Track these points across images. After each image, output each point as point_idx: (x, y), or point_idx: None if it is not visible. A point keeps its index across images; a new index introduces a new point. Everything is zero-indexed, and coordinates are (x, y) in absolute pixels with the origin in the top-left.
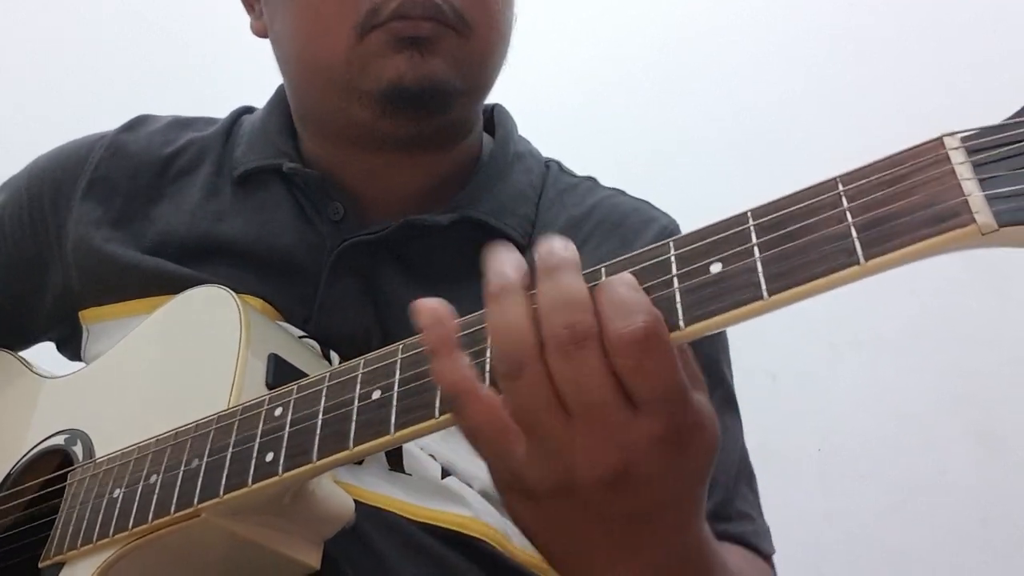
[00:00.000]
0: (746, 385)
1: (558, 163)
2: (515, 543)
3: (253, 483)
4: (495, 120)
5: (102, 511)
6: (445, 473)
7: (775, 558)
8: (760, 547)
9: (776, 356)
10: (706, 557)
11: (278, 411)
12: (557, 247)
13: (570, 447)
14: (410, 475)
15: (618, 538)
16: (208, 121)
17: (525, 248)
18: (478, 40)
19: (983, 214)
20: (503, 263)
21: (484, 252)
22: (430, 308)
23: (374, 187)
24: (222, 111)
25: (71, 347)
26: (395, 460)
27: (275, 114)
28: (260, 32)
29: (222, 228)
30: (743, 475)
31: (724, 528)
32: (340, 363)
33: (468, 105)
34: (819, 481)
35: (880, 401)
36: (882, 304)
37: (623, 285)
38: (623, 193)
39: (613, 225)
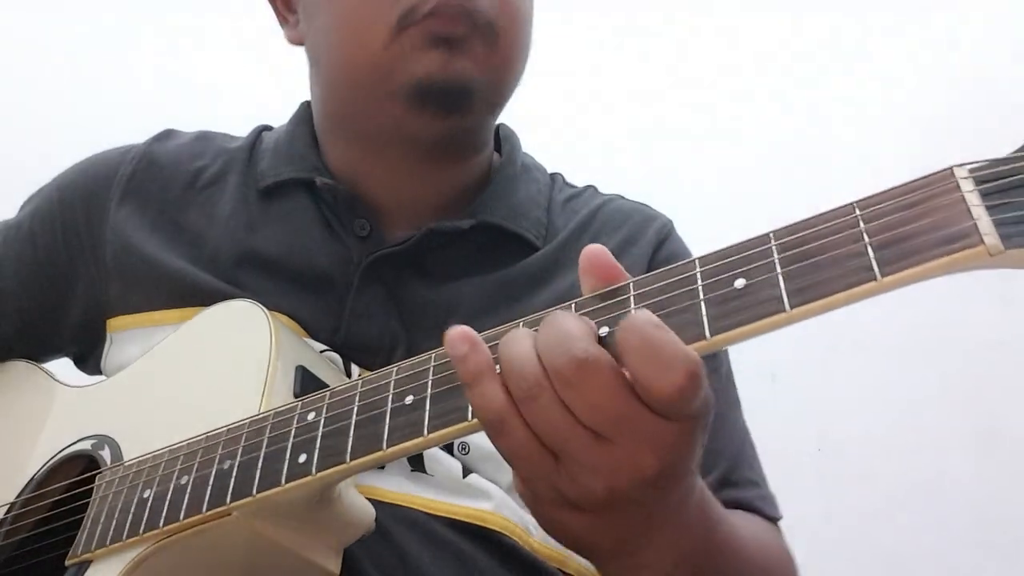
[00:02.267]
0: (746, 385)
1: (561, 175)
2: (535, 537)
3: (287, 483)
4: (501, 136)
5: (132, 510)
6: (467, 472)
7: None
8: (767, 511)
9: (776, 357)
10: (714, 508)
11: (311, 415)
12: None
13: (608, 463)
14: (432, 476)
15: (658, 520)
16: (230, 137)
17: (539, 249)
18: (504, 48)
19: (991, 236)
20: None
21: (500, 252)
22: (461, 335)
23: (397, 198)
24: (222, 117)
25: (91, 361)
26: (416, 462)
27: (301, 129)
28: (296, 40)
29: (253, 240)
30: (746, 445)
31: (732, 494)
32: (362, 375)
33: (487, 112)
34: (819, 481)
35: (880, 401)
36: (882, 305)
37: (649, 325)
38: (623, 197)
39: (618, 224)
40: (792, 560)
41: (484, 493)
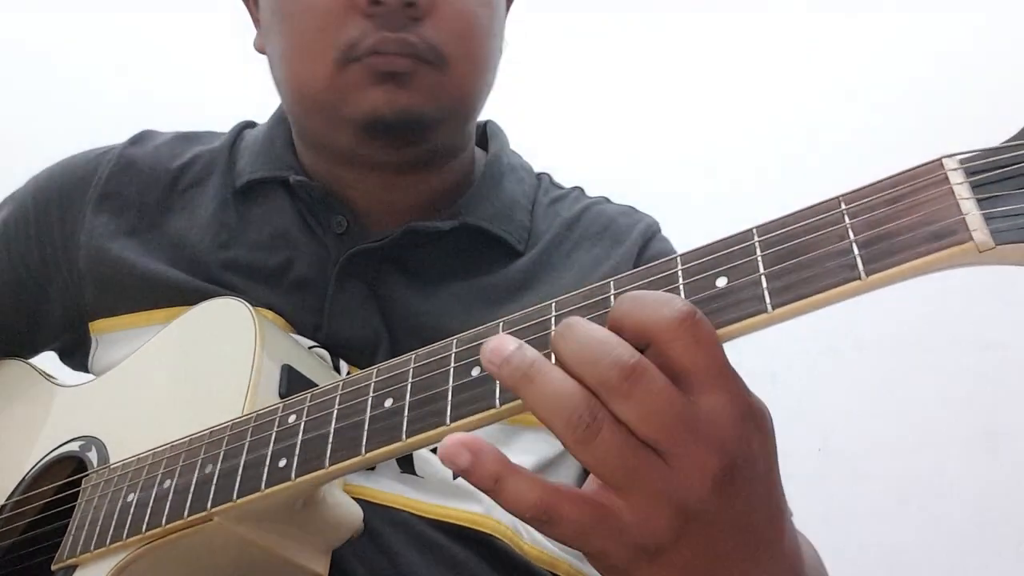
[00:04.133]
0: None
1: (548, 175)
2: (526, 540)
3: (266, 488)
4: (488, 134)
5: (116, 515)
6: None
7: None
8: None
9: (776, 356)
10: (794, 531)
11: (292, 418)
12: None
13: (672, 481)
14: (422, 477)
15: (751, 539)
16: (211, 135)
17: (522, 254)
18: (455, 73)
19: (980, 232)
20: (502, 347)
21: (482, 256)
22: (456, 446)
23: (374, 202)
24: (214, 116)
25: (77, 357)
26: (406, 463)
27: (279, 128)
28: (260, 49)
29: (234, 241)
30: None
31: None
32: (350, 372)
33: (450, 132)
34: (819, 481)
35: (880, 401)
36: (882, 304)
37: (643, 291)
38: (608, 200)
39: (602, 228)
40: None
41: (474, 495)
